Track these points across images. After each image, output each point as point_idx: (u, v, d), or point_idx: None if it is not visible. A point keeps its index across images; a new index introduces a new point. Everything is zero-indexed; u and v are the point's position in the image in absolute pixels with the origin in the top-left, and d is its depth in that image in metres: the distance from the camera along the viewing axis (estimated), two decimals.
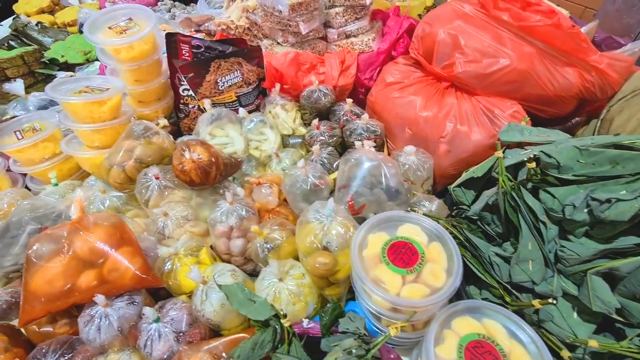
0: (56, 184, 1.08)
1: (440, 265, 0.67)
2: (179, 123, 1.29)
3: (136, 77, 1.14)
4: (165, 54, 1.17)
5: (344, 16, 1.35)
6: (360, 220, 0.81)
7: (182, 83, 1.20)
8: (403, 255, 0.66)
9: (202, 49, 1.17)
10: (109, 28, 1.04)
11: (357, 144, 1.05)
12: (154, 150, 1.04)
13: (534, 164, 0.76)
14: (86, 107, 1.01)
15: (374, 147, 1.04)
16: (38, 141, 1.06)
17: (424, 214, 0.81)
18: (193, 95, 1.21)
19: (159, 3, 2.39)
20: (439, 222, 0.80)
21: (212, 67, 1.13)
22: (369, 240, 0.72)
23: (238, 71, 1.17)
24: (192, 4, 2.43)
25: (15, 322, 0.82)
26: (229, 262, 1.00)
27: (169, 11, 2.32)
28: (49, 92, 0.99)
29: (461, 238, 0.83)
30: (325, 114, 1.29)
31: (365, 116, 1.14)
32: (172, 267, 0.87)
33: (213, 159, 0.98)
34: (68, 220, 0.88)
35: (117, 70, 1.16)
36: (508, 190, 0.79)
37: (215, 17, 1.81)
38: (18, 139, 1.07)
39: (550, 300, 0.64)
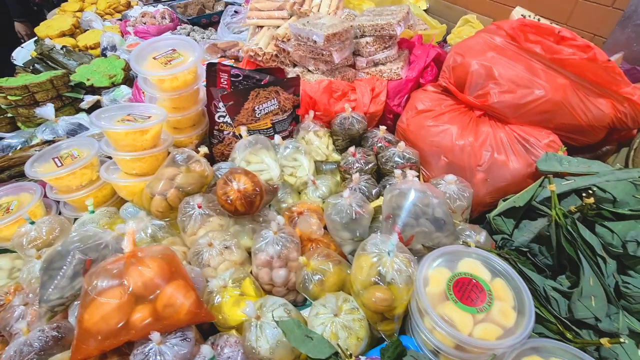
0: (93, 212, 1.07)
1: (508, 303, 0.67)
2: (212, 149, 1.29)
3: (175, 104, 1.15)
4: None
5: (373, 45, 1.38)
6: (410, 252, 0.81)
7: (219, 110, 1.21)
8: (470, 292, 0.66)
9: (241, 78, 1.19)
10: (154, 59, 1.06)
11: (397, 172, 1.06)
12: (195, 178, 1.04)
13: (592, 200, 0.77)
14: (129, 135, 1.02)
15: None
16: (77, 169, 1.06)
17: (476, 247, 0.81)
18: (229, 122, 1.22)
19: (179, 27, 2.45)
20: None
21: (251, 96, 1.15)
22: (429, 275, 0.72)
23: (275, 99, 1.18)
24: (209, 28, 2.49)
25: (58, 357, 0.80)
26: (270, 292, 0.98)
27: (188, 35, 2.37)
28: (94, 121, 1.00)
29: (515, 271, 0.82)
30: (357, 140, 1.31)
31: (402, 144, 1.15)
32: (220, 300, 0.85)
33: (257, 189, 0.98)
34: (114, 252, 0.88)
35: (155, 97, 1.17)
36: (563, 224, 0.79)
37: (240, 43, 1.85)
38: (57, 166, 1.07)
39: (621, 340, 0.64)
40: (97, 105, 1.68)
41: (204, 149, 1.08)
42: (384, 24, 1.31)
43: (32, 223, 1.00)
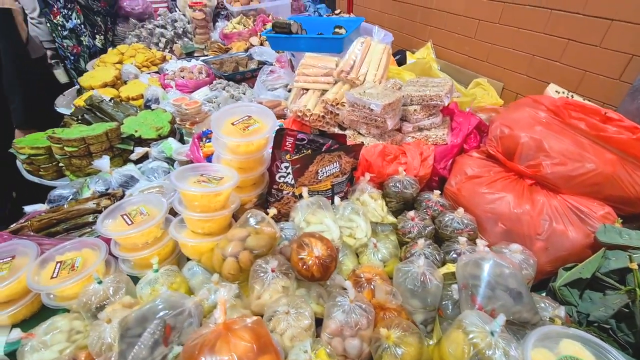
0: (157, 270, 1.06)
1: None
2: (269, 207, 1.32)
3: (243, 165, 1.19)
4: None
5: (420, 113, 1.48)
6: None
7: (280, 170, 1.26)
8: None
9: (305, 141, 1.25)
10: (232, 124, 1.12)
11: (462, 239, 1.09)
12: (266, 240, 1.05)
13: None
14: (205, 197, 1.05)
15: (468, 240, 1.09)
16: (148, 228, 1.07)
17: (562, 324, 0.82)
18: (289, 182, 1.26)
19: (215, 82, 2.60)
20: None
21: (316, 159, 1.20)
22: (532, 357, 0.71)
23: (337, 162, 1.24)
24: (243, 83, 2.65)
25: None
26: None
27: (224, 89, 2.51)
28: (175, 182, 1.03)
29: None
30: (410, 203, 1.35)
31: (460, 210, 1.19)
32: None
33: (332, 254, 0.99)
34: (193, 318, 0.86)
35: (220, 156, 1.22)
36: None
37: (282, 102, 1.96)
38: (128, 224, 1.08)
39: None
40: (144, 156, 1.73)
41: (273, 211, 1.11)
42: (432, 95, 1.42)
43: (100, 282, 0.99)
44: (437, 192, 1.30)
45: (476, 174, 1.32)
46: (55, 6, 3.21)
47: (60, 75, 3.11)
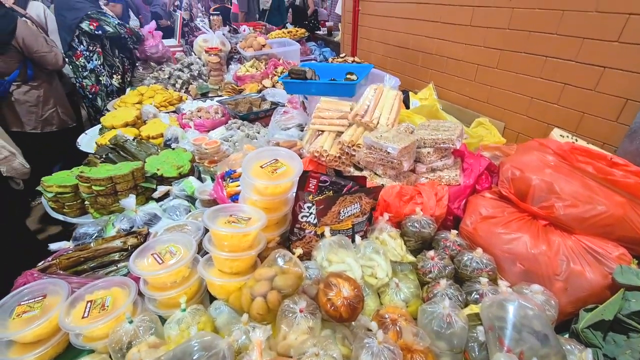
0: (184, 310, 1.08)
1: None
2: (290, 245, 1.36)
3: (268, 206, 1.25)
4: None
5: (433, 155, 1.57)
6: None
7: (303, 210, 1.31)
8: None
9: (327, 183, 1.31)
10: (261, 167, 1.19)
11: (483, 280, 1.12)
12: (293, 280, 1.08)
13: None
14: (234, 237, 1.09)
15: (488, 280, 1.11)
16: (177, 268, 1.10)
17: None
18: (311, 221, 1.31)
19: (230, 121, 2.72)
20: None
21: (339, 200, 1.25)
22: None
23: (358, 203, 1.30)
24: (256, 122, 2.78)
25: None
26: None
27: (239, 128, 2.63)
28: (207, 222, 1.08)
29: None
30: (428, 242, 1.39)
31: (479, 250, 1.23)
32: None
33: (359, 294, 1.02)
34: None
35: (246, 196, 1.27)
36: None
37: (298, 142, 2.06)
38: (159, 263, 1.11)
39: None
40: (165, 194, 1.79)
41: (299, 251, 1.14)
42: (445, 139, 1.51)
43: (131, 322, 1.01)
44: (454, 231, 1.35)
45: (491, 214, 1.38)
46: (79, 49, 3.44)
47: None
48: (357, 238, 1.28)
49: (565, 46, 2.21)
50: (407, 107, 3.13)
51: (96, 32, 3.26)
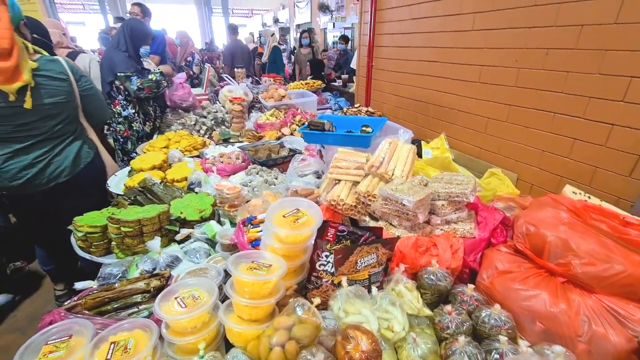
0: (202, 357, 1.09)
1: None
2: (307, 294, 1.38)
3: (288, 254, 1.29)
4: None
5: (447, 208, 1.61)
6: None
7: (320, 259, 1.35)
8: None
9: (345, 233, 1.37)
10: (283, 217, 1.27)
11: (503, 339, 1.10)
12: (311, 330, 1.09)
13: None
14: (255, 284, 1.13)
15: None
16: (199, 313, 1.14)
17: None
18: (329, 270, 1.34)
19: (249, 166, 2.86)
20: None
21: (356, 250, 1.30)
22: None
23: (374, 254, 1.33)
24: (274, 168, 2.91)
25: None
26: None
27: (258, 173, 2.76)
28: (230, 268, 1.13)
29: None
30: (445, 296, 1.39)
31: (497, 306, 1.23)
32: None
33: (377, 348, 1.02)
34: None
35: (269, 244, 1.33)
36: None
37: (315, 190, 2.14)
38: (182, 307, 1.15)
39: None
40: (186, 237, 1.86)
41: (317, 300, 1.17)
42: (458, 193, 1.57)
43: None
44: (471, 286, 1.35)
45: (507, 269, 1.38)
46: (117, 99, 3.76)
47: None
48: (374, 289, 1.30)
49: (572, 104, 2.31)
50: (420, 156, 3.23)
51: (135, 90, 3.56)
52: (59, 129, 2.26)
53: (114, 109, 3.78)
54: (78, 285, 1.53)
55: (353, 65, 6.92)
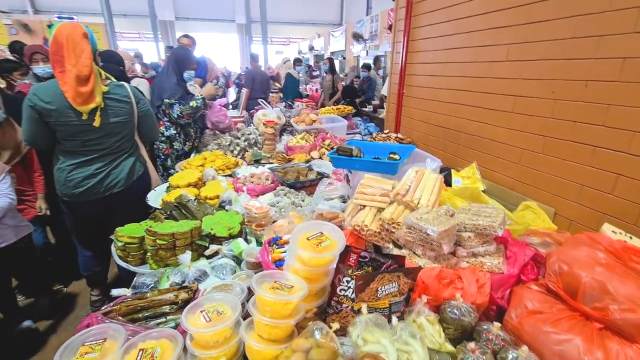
0: None
1: None
2: (327, 318, 1.38)
3: (310, 276, 1.32)
4: None
5: (474, 240, 1.58)
6: None
7: (342, 284, 1.36)
8: None
9: (367, 259, 1.38)
10: (307, 239, 1.31)
11: None
12: (328, 355, 1.10)
13: None
14: (277, 304, 1.17)
15: None
16: (223, 328, 1.18)
17: None
18: (350, 296, 1.34)
19: (278, 187, 2.96)
20: None
21: (377, 278, 1.30)
22: None
23: (396, 282, 1.33)
24: (301, 190, 2.98)
25: None
26: None
27: (285, 195, 2.84)
28: (254, 286, 1.17)
29: None
30: (469, 332, 1.34)
31: (525, 349, 1.16)
32: None
33: None
34: None
35: (292, 265, 1.36)
36: None
37: (339, 215, 2.17)
38: (207, 321, 1.20)
39: None
40: (215, 252, 1.95)
41: (336, 325, 1.18)
42: (486, 225, 1.53)
43: None
44: (498, 324, 1.29)
45: (538, 309, 1.31)
46: (162, 120, 4.07)
47: None
48: (394, 319, 1.28)
49: (615, 137, 2.21)
50: (449, 184, 3.17)
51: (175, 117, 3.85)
52: (119, 145, 2.54)
53: (159, 129, 4.09)
54: (114, 291, 1.64)
55: (384, 91, 7.04)
